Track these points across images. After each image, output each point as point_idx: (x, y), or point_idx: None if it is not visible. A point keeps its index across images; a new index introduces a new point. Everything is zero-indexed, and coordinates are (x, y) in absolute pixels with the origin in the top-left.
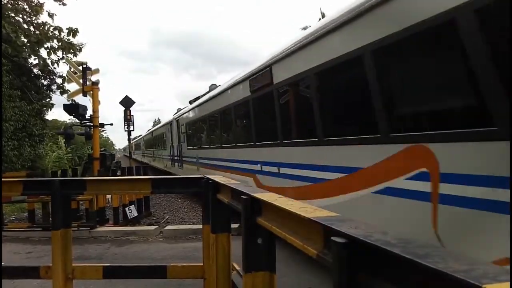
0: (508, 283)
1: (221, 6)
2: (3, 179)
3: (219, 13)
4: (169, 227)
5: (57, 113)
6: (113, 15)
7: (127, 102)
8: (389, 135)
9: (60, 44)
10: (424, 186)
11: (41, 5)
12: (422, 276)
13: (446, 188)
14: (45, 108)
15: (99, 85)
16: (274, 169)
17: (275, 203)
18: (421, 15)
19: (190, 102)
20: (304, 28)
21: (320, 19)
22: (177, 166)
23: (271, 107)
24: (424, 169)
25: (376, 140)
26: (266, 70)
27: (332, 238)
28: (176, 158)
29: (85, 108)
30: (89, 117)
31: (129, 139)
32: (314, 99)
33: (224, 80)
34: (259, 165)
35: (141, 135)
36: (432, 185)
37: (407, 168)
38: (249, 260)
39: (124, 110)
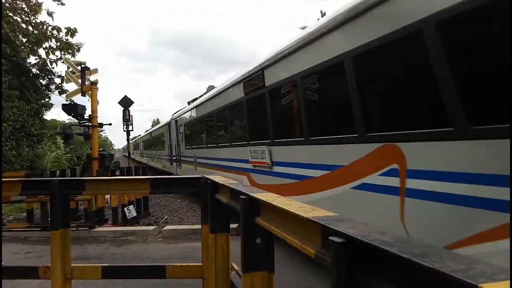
0: (504, 282)
1: (221, 6)
2: (1, 179)
3: (219, 13)
4: (168, 227)
5: (55, 113)
6: (113, 15)
7: (126, 102)
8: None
9: (58, 44)
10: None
11: (39, 5)
12: (420, 275)
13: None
14: (43, 108)
15: (98, 85)
16: None
17: (274, 203)
18: None
19: None
20: (303, 28)
21: (318, 19)
22: None
23: None
24: None
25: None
26: None
27: (330, 238)
28: None
29: (83, 108)
30: (87, 117)
31: (127, 139)
32: None
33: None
34: None
35: (144, 132)
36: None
37: None
38: (248, 260)
39: (123, 110)
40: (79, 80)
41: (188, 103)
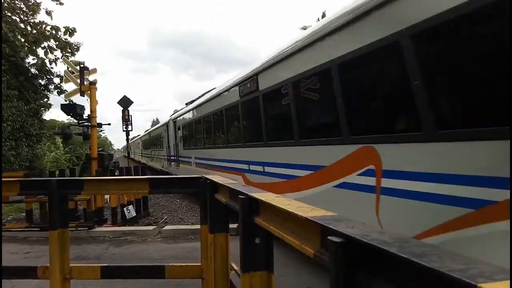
0: (503, 282)
1: (221, 6)
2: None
3: (219, 13)
4: (167, 227)
5: (54, 113)
6: (112, 15)
7: (125, 102)
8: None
9: (57, 43)
10: None
11: (38, 5)
12: (419, 275)
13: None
14: (42, 108)
15: (97, 85)
16: None
17: (273, 203)
18: None
19: None
20: (304, 28)
21: (318, 19)
22: None
23: None
24: None
25: None
26: None
27: (329, 237)
28: None
29: (82, 108)
30: (86, 117)
31: (127, 139)
32: None
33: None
34: None
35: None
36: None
37: None
38: (247, 260)
39: (122, 110)
40: (78, 80)
41: None
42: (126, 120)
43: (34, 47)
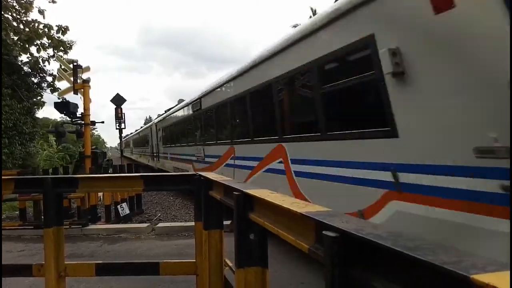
0: (495, 273)
1: (214, 4)
2: None
3: (211, 11)
4: (161, 224)
5: (48, 111)
6: (105, 13)
7: (118, 100)
8: None
9: (50, 41)
10: None
11: (30, 3)
12: (413, 268)
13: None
14: (35, 107)
15: (90, 83)
16: None
17: (267, 199)
18: None
19: None
20: (295, 26)
21: (310, 16)
22: None
23: None
24: None
25: None
26: None
27: (324, 232)
28: None
29: (76, 106)
30: (80, 115)
31: (120, 137)
32: None
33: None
34: None
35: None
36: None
37: None
38: (241, 255)
39: (115, 108)
40: (71, 78)
41: None
42: (119, 118)
43: (27, 45)
